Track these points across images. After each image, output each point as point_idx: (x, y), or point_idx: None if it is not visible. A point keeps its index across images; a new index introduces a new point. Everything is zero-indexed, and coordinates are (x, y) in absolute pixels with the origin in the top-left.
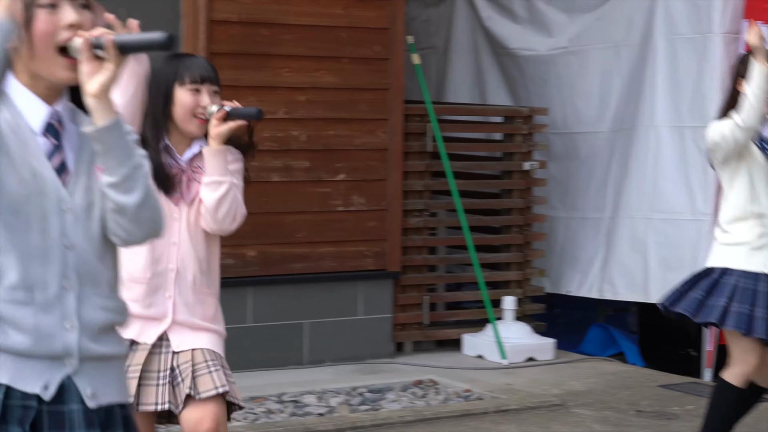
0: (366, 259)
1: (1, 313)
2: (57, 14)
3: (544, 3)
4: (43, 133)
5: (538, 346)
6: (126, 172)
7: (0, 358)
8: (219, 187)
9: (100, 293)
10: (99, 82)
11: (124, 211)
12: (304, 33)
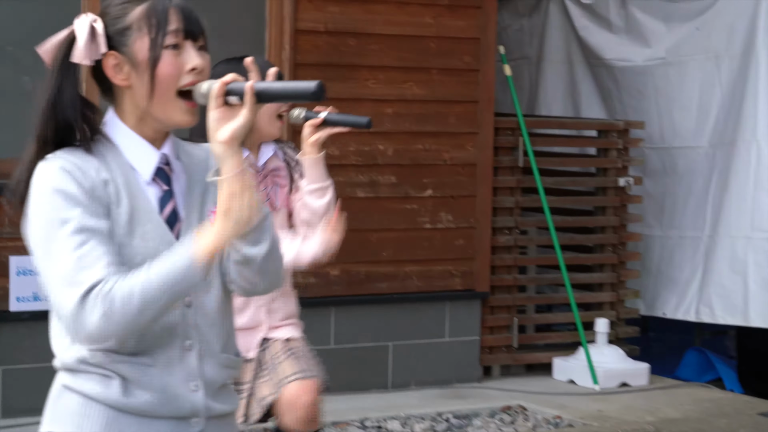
0: (453, 278)
1: (126, 374)
2: (181, 56)
3: (641, 12)
4: (153, 179)
5: (631, 370)
6: (258, 222)
7: (125, 422)
8: (326, 193)
9: (219, 349)
10: (230, 129)
11: (250, 263)
12: (392, 43)
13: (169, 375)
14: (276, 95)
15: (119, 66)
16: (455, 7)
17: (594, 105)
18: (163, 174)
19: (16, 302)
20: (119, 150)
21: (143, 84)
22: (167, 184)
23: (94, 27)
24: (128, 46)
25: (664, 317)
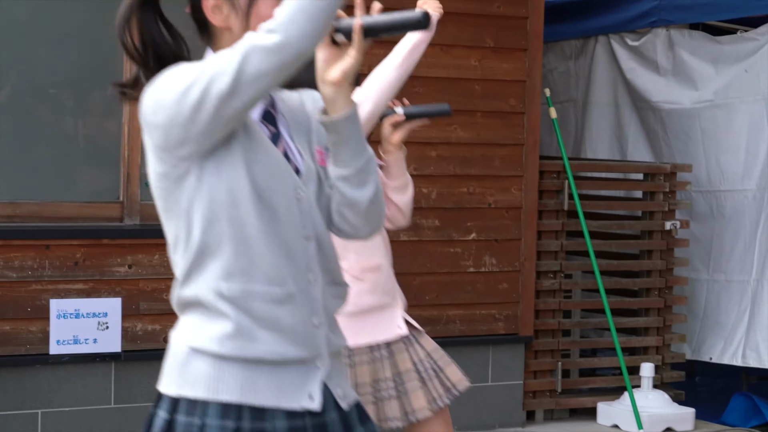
0: (497, 322)
1: (259, 312)
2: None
3: (689, 54)
4: (261, 120)
5: (677, 415)
6: (360, 165)
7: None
8: (407, 188)
9: (332, 281)
10: (341, 69)
11: (355, 205)
12: (436, 85)
13: (298, 310)
14: (383, 28)
15: (218, 7)
16: (500, 49)
17: (640, 148)
18: (270, 116)
19: (56, 345)
20: None
21: (240, 24)
22: (275, 126)
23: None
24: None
25: (710, 362)
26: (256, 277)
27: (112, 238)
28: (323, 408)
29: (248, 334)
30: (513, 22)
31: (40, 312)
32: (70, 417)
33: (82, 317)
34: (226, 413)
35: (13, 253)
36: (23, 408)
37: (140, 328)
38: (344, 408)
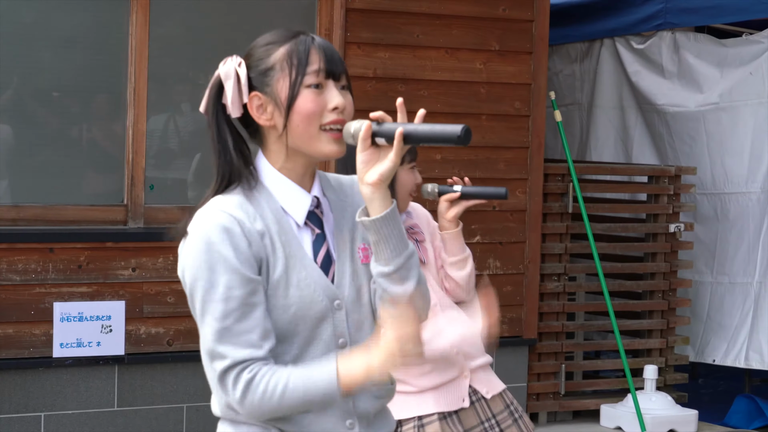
0: (501, 325)
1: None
2: (322, 95)
3: (694, 57)
4: (306, 223)
5: (680, 417)
6: (401, 262)
7: None
8: (467, 263)
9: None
10: (379, 172)
11: (396, 302)
12: (442, 89)
13: (327, 416)
14: (423, 138)
15: (263, 106)
16: (506, 52)
17: (645, 150)
18: (314, 217)
19: (59, 348)
20: (271, 194)
21: (291, 121)
22: (319, 227)
23: (238, 73)
24: (271, 87)
25: (713, 364)
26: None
27: (116, 241)
28: None
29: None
30: (518, 25)
31: (44, 315)
32: (72, 420)
33: (86, 320)
34: None
35: (17, 256)
36: (27, 411)
37: (144, 331)
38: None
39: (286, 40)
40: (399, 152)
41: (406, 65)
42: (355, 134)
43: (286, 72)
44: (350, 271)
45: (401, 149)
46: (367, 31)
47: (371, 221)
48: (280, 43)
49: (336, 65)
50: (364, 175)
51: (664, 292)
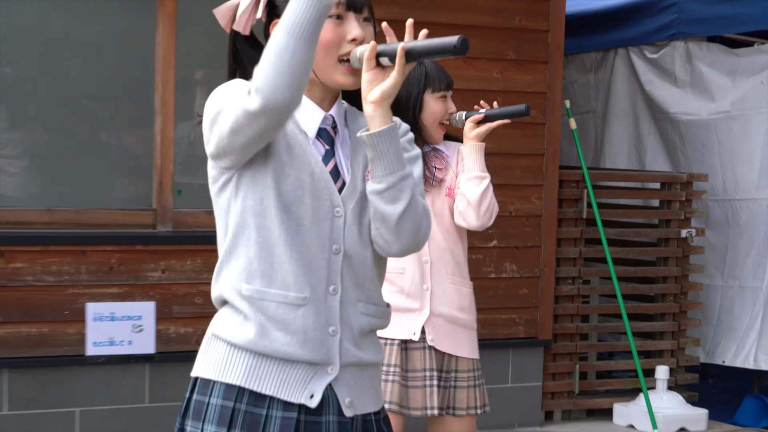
0: (517, 326)
1: (272, 313)
2: (342, 26)
3: (706, 66)
4: (317, 137)
5: (690, 416)
6: (393, 180)
7: (262, 366)
8: (482, 182)
9: (365, 298)
10: (380, 90)
11: (386, 220)
12: (460, 96)
13: (311, 316)
14: (423, 52)
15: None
16: (522, 61)
17: (658, 158)
18: (326, 134)
19: (92, 347)
20: None
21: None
22: (330, 144)
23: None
24: None
25: (723, 365)
26: (274, 282)
27: (146, 244)
28: (322, 409)
29: (261, 331)
30: (534, 35)
31: (77, 315)
32: (106, 415)
33: (118, 320)
34: (229, 394)
35: (50, 258)
36: (61, 407)
37: (173, 330)
38: (347, 414)
39: None
40: (401, 69)
41: None
42: (361, 57)
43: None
44: (358, 190)
45: (403, 66)
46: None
47: (368, 135)
48: None
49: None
50: (367, 93)
51: (675, 296)
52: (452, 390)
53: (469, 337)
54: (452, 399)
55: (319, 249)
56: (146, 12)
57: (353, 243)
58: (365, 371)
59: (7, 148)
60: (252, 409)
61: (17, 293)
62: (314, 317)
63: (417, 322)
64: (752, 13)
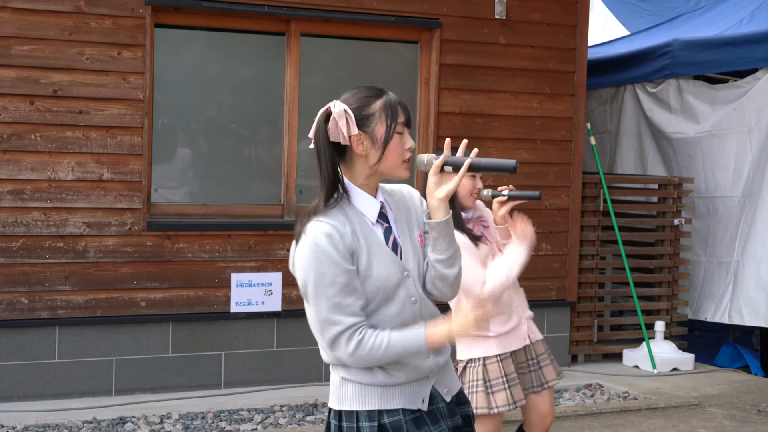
0: (550, 291)
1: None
2: (403, 138)
3: (693, 97)
4: (377, 220)
5: (681, 359)
6: (452, 252)
7: (392, 392)
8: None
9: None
10: (446, 190)
11: (445, 279)
12: (508, 122)
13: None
14: (482, 168)
15: (360, 140)
16: (555, 95)
17: (657, 166)
18: (383, 215)
19: (235, 306)
20: (352, 203)
21: (379, 153)
22: (386, 221)
23: (347, 113)
24: (370, 128)
25: (705, 320)
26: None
27: (275, 230)
28: (433, 403)
29: (387, 374)
30: (564, 75)
31: (224, 282)
32: (244, 357)
33: (254, 286)
34: (371, 417)
35: (205, 241)
36: (212, 350)
37: (295, 294)
38: (447, 399)
39: (380, 95)
40: (462, 177)
41: (483, 104)
42: (429, 164)
43: (383, 119)
44: (412, 250)
45: (463, 174)
46: (454, 80)
47: (437, 223)
48: (376, 97)
49: (409, 117)
50: (434, 191)
51: (669, 268)
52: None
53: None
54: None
55: (405, 303)
56: (278, 59)
57: (419, 290)
58: (446, 365)
59: (174, 160)
60: (392, 419)
61: (180, 266)
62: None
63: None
64: (728, 58)
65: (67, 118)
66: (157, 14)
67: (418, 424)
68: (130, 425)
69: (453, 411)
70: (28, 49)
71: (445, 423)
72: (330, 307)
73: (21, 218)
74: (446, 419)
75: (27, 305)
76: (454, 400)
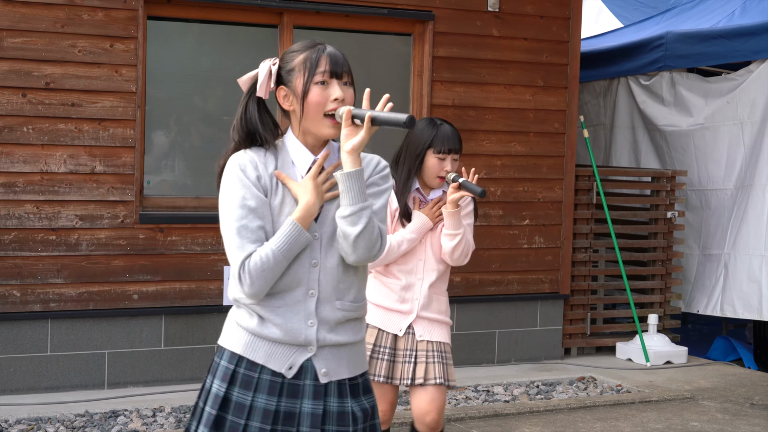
0: (543, 284)
1: (262, 314)
2: (327, 90)
3: (686, 90)
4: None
5: (674, 352)
6: (354, 209)
7: (259, 344)
8: (454, 238)
9: (340, 297)
10: (353, 143)
11: (346, 237)
12: (501, 114)
13: (293, 314)
14: (383, 122)
15: (287, 96)
16: (548, 87)
17: (651, 158)
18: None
19: (227, 299)
20: (287, 152)
21: (304, 109)
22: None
23: (270, 69)
24: (292, 82)
25: (698, 313)
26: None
27: None
28: (301, 376)
29: (262, 323)
30: (557, 68)
31: (217, 275)
32: None
33: None
34: (231, 359)
35: (198, 233)
36: (204, 343)
37: None
38: (322, 381)
39: (305, 49)
40: (367, 131)
41: (476, 97)
42: (341, 116)
43: (302, 72)
44: (332, 215)
45: (369, 128)
46: (447, 72)
47: (340, 174)
48: (300, 51)
49: (338, 67)
50: (343, 144)
51: (662, 261)
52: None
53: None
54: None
55: (302, 264)
56: (271, 51)
57: (328, 257)
58: (342, 349)
59: (167, 152)
60: (248, 372)
61: (173, 259)
62: (295, 314)
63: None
64: (721, 51)
65: (60, 111)
66: (150, 6)
67: (272, 389)
68: (123, 418)
69: (320, 394)
70: (21, 42)
71: (305, 402)
72: (236, 229)
73: (13, 211)
74: (307, 399)
75: (19, 298)
76: (333, 387)
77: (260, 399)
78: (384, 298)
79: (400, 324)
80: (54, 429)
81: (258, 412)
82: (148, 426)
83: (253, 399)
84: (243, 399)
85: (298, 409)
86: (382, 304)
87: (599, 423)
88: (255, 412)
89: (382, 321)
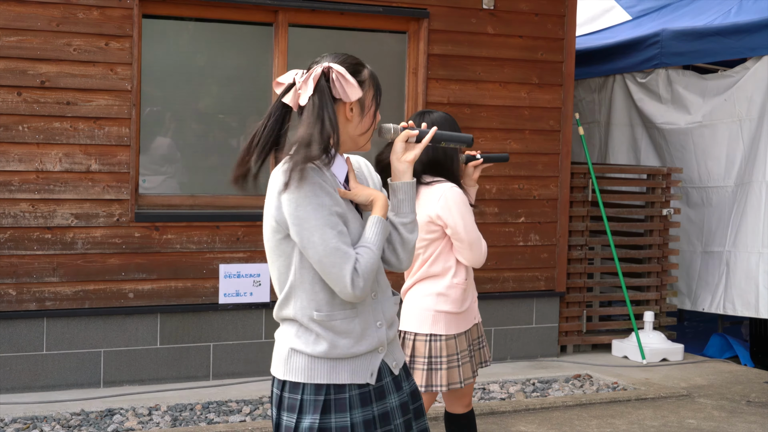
0: (539, 281)
1: (337, 329)
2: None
3: (683, 88)
4: (343, 184)
5: (670, 349)
6: (414, 217)
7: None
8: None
9: (390, 293)
10: (413, 155)
11: (406, 244)
12: (497, 111)
13: (364, 321)
14: (446, 140)
15: (352, 106)
16: (543, 85)
17: (649, 156)
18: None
19: (223, 297)
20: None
21: (362, 121)
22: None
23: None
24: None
25: (703, 311)
26: (335, 306)
27: None
28: (381, 377)
29: (331, 343)
30: (552, 65)
31: (212, 273)
32: (233, 348)
33: (243, 277)
34: (317, 391)
35: (193, 231)
36: (200, 341)
37: None
38: (395, 372)
39: (364, 64)
40: (424, 146)
41: (471, 95)
42: (396, 132)
43: (371, 88)
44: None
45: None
46: (442, 70)
47: (403, 183)
48: (363, 65)
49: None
50: (402, 155)
51: (658, 259)
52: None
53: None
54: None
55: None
56: (266, 49)
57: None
58: (395, 339)
59: (162, 151)
60: (338, 396)
61: (168, 257)
62: (368, 319)
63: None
64: (717, 48)
65: (55, 109)
66: (145, 5)
67: (364, 401)
68: (119, 417)
69: (399, 385)
70: (16, 40)
71: (392, 398)
72: (337, 235)
73: (8, 210)
74: (393, 394)
75: (15, 297)
76: (402, 373)
77: (357, 415)
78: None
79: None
80: (50, 428)
81: (359, 427)
82: (144, 424)
83: (352, 417)
84: (343, 422)
85: (389, 407)
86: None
87: (595, 420)
88: (357, 428)
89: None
